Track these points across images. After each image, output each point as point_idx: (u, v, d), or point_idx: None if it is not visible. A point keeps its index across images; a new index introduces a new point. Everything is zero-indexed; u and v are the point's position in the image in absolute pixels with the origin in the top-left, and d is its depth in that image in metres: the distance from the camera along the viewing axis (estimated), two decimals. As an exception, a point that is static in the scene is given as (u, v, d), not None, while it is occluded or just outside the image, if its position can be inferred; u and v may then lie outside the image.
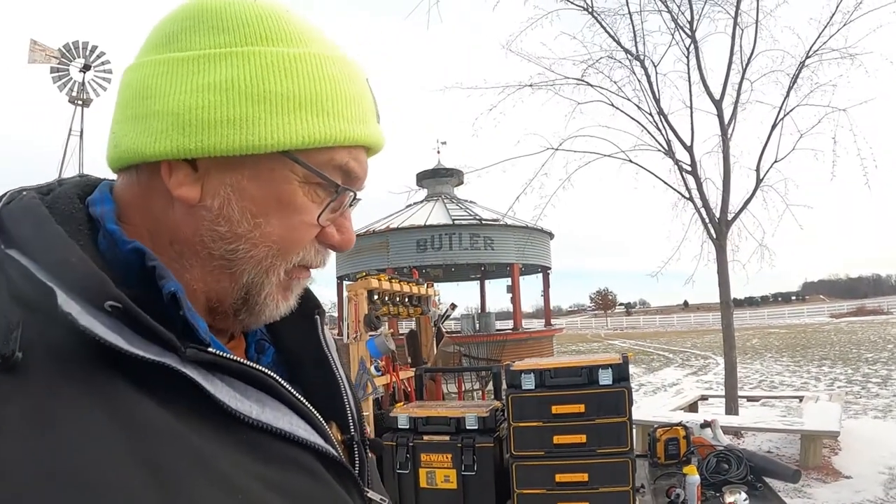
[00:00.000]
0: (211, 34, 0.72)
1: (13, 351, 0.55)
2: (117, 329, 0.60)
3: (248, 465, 0.65)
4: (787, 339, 32.31)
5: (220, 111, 0.69)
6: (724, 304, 9.81)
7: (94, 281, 0.61)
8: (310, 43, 0.75)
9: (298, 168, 0.74)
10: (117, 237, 0.71)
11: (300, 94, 0.72)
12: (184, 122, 0.69)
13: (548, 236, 23.06)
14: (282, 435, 0.70)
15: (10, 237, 0.65)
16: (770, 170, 9.86)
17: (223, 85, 0.70)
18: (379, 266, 19.51)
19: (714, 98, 9.95)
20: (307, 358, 0.91)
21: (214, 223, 0.73)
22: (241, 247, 0.74)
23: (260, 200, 0.74)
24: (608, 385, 4.54)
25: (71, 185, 0.77)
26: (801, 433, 7.65)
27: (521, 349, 18.34)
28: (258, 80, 0.70)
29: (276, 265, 0.77)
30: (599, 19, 10.22)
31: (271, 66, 0.71)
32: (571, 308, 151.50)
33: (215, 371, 0.67)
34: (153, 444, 0.58)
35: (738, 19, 9.70)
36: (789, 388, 14.24)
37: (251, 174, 0.73)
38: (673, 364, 22.24)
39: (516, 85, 10.64)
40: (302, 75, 0.73)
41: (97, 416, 0.57)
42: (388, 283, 6.03)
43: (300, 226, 0.77)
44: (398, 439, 5.00)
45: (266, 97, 0.70)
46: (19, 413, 0.54)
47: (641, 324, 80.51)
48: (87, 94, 37.13)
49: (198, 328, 0.68)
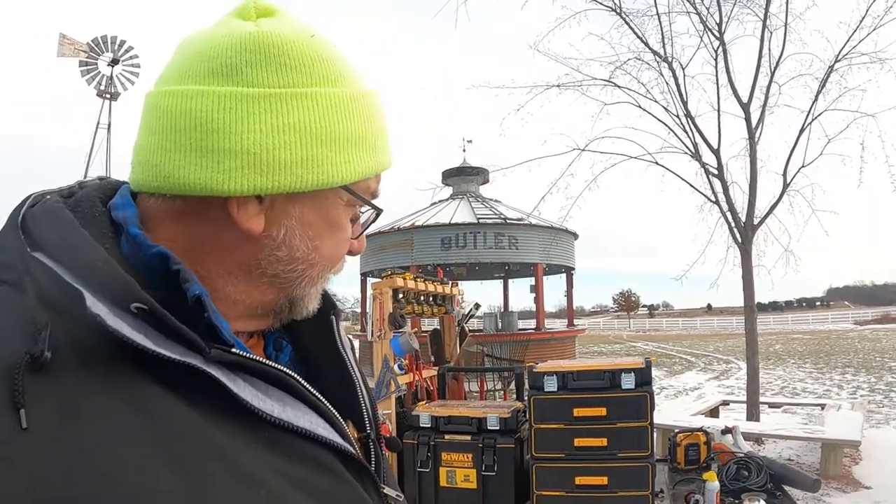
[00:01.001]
0: (279, 72, 0.72)
1: (42, 351, 0.57)
2: (143, 330, 0.62)
3: (270, 462, 0.67)
4: (811, 346, 31.88)
5: (294, 152, 0.72)
6: (748, 309, 9.72)
7: (121, 283, 0.62)
8: (354, 81, 0.80)
9: (345, 194, 0.80)
10: (141, 241, 0.72)
11: (355, 133, 0.77)
12: (261, 162, 0.70)
13: (572, 236, 22.99)
14: (302, 433, 0.72)
15: (36, 240, 0.67)
16: (797, 174, 9.73)
17: (296, 126, 0.72)
18: (403, 263, 19.55)
19: (742, 101, 9.84)
20: (323, 356, 0.95)
21: (276, 249, 0.77)
22: (298, 267, 0.79)
23: (316, 225, 0.79)
24: (630, 389, 4.56)
25: (92, 188, 0.79)
26: (822, 441, 7.57)
27: (544, 349, 18.31)
28: (326, 122, 0.74)
29: (322, 278, 0.85)
30: (627, 20, 10.15)
31: (334, 107, 0.75)
32: (594, 309, 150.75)
33: (238, 371, 0.69)
34: (179, 442, 0.60)
35: (767, 22, 9.58)
36: (811, 395, 14.08)
37: (311, 204, 0.78)
38: (695, 368, 22.06)
39: (544, 85, 10.62)
40: (355, 116, 0.77)
41: (125, 414, 0.58)
42: (413, 283, 6.07)
43: (343, 242, 0.85)
44: (419, 438, 5.05)
45: (332, 138, 0.75)
46: (49, 411, 0.55)
47: (664, 326, 79.83)
48: (114, 88, 37.60)
49: (222, 329, 0.70)
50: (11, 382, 0.54)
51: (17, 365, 0.55)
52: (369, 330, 5.77)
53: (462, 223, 20.44)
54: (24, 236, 0.67)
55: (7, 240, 0.69)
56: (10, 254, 0.67)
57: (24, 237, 0.67)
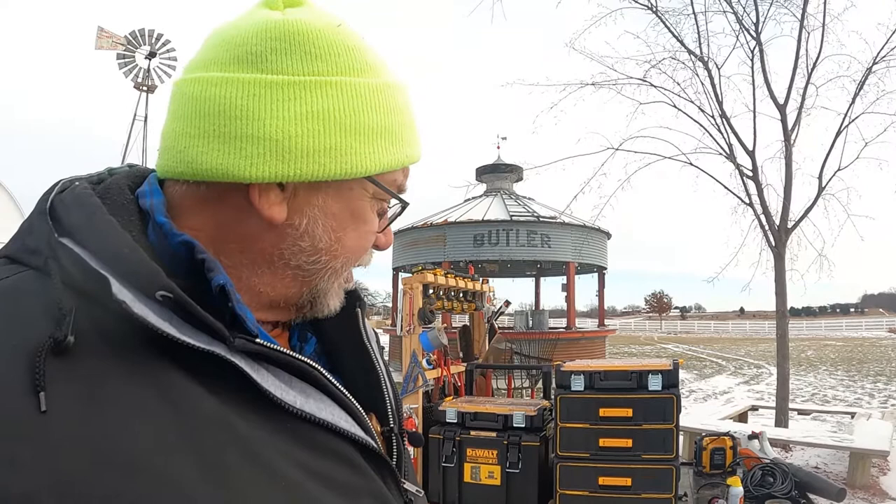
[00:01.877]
0: (304, 60, 0.72)
1: (66, 335, 0.57)
2: (168, 318, 0.62)
3: (290, 454, 0.67)
4: (843, 353, 31.42)
5: (318, 140, 0.71)
6: (780, 314, 9.62)
7: (147, 271, 0.63)
8: (380, 72, 0.79)
9: (371, 186, 0.80)
10: (167, 230, 0.72)
11: (381, 124, 0.77)
12: (283, 149, 0.70)
13: (605, 236, 22.89)
14: (324, 425, 0.72)
15: (63, 226, 0.67)
16: (833, 178, 9.63)
17: (320, 114, 0.71)
18: (435, 259, 19.57)
19: (778, 102, 9.74)
20: (348, 349, 0.94)
21: (298, 239, 0.77)
22: (322, 258, 0.79)
23: (340, 217, 0.78)
24: (657, 391, 4.53)
25: (121, 175, 0.79)
26: (851, 450, 7.47)
27: (573, 349, 18.26)
28: (350, 112, 0.73)
29: (346, 270, 0.84)
30: (663, 19, 10.08)
31: (360, 97, 0.75)
32: (626, 309, 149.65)
33: (261, 361, 0.69)
34: (201, 430, 0.60)
35: (804, 22, 9.48)
36: (842, 402, 13.88)
37: (335, 194, 0.77)
38: (725, 371, 21.84)
39: (578, 83, 10.59)
40: (382, 107, 0.77)
41: (147, 400, 0.59)
42: (444, 279, 6.08)
43: (368, 235, 0.83)
44: (445, 433, 5.06)
45: (357, 128, 0.74)
46: (71, 395, 0.56)
47: (696, 328, 79.10)
48: (151, 81, 38.20)
49: (246, 319, 0.69)
50: (33, 366, 0.56)
51: (41, 348, 0.56)
52: (399, 324, 5.79)
53: (495, 220, 20.44)
54: (52, 222, 0.68)
55: (35, 225, 0.70)
56: (38, 239, 0.68)
57: (52, 223, 0.68)
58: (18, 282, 0.65)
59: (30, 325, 0.59)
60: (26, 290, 0.63)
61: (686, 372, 20.86)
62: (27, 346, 0.57)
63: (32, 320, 0.60)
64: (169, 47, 38.31)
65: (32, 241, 0.68)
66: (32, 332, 0.58)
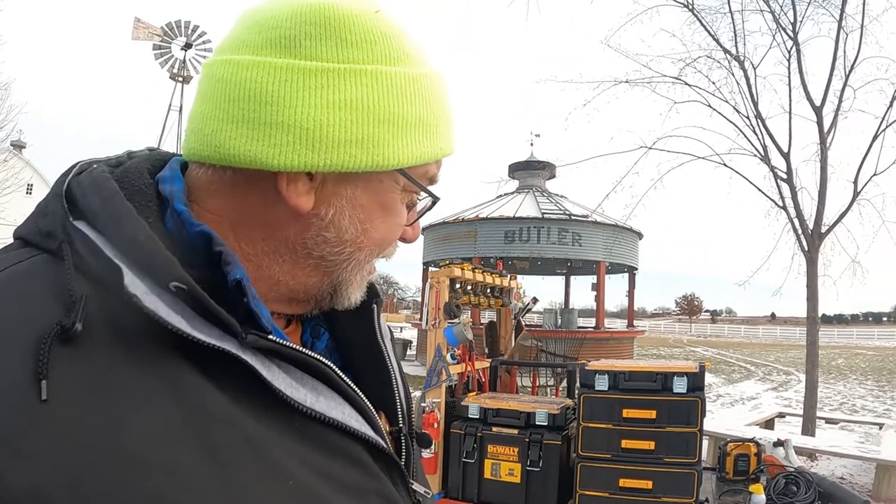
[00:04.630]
0: (339, 47, 0.70)
1: (73, 322, 0.56)
2: (180, 310, 0.61)
3: (299, 453, 0.66)
4: (874, 362, 30.96)
5: (349, 130, 0.70)
6: (811, 320, 9.48)
7: (161, 260, 0.62)
8: (418, 61, 0.77)
9: (402, 179, 0.78)
10: (185, 218, 0.71)
11: (415, 116, 0.75)
12: (313, 139, 0.68)
13: (637, 236, 22.74)
14: (334, 424, 0.71)
15: (79, 209, 0.66)
16: (868, 182, 9.47)
17: (353, 104, 0.70)
18: (465, 255, 19.58)
19: (814, 104, 9.58)
20: (361, 346, 0.92)
21: (323, 230, 0.75)
22: (346, 250, 0.77)
23: (368, 208, 0.77)
24: (682, 393, 4.50)
25: (141, 158, 0.78)
26: (877, 462, 7.36)
27: (601, 349, 18.17)
28: (384, 102, 0.71)
29: (369, 262, 0.82)
30: (699, 17, 9.98)
31: (395, 87, 0.73)
32: (656, 311, 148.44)
33: (273, 358, 0.68)
34: (209, 426, 0.60)
35: (842, 23, 9.33)
36: (871, 413, 13.66)
37: (364, 186, 0.76)
38: (754, 377, 21.62)
39: (612, 81, 10.52)
40: (417, 98, 0.75)
41: (154, 392, 0.58)
42: (471, 273, 6.07)
43: (396, 228, 0.82)
44: (467, 428, 5.07)
45: (390, 119, 0.72)
46: (76, 384, 0.55)
47: (726, 332, 78.30)
48: (187, 72, 38.84)
49: (260, 315, 0.68)
50: (37, 353, 0.55)
51: (46, 335, 0.55)
52: (424, 318, 5.81)
53: (526, 217, 20.38)
54: (68, 205, 0.67)
55: (50, 207, 0.69)
56: (52, 222, 0.67)
57: (68, 205, 0.67)
58: (31, 266, 0.64)
59: (38, 310, 0.58)
60: (38, 274, 0.63)
61: (714, 376, 20.71)
62: (33, 333, 0.56)
63: (41, 306, 0.59)
64: (205, 38, 38.82)
65: (47, 224, 0.68)
66: (40, 318, 0.57)
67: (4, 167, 22.25)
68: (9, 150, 25.85)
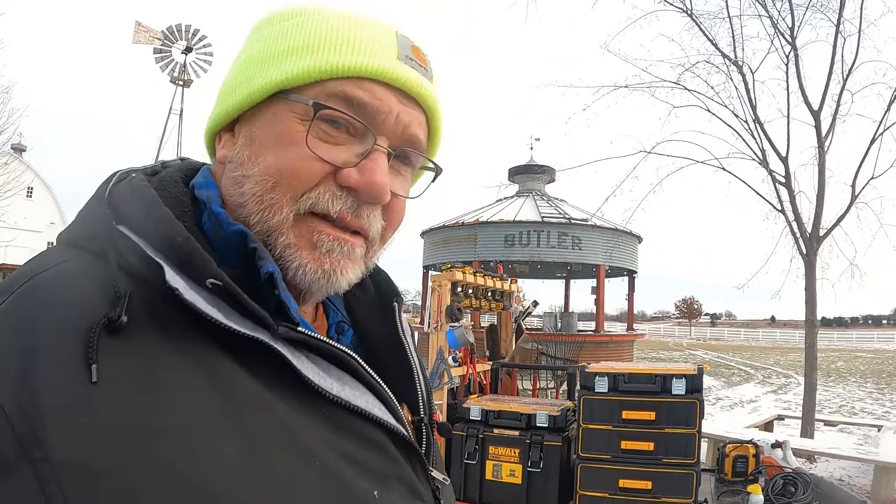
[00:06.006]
0: (261, 29, 0.86)
1: (119, 315, 0.60)
2: (216, 304, 0.66)
3: (326, 437, 0.70)
4: (874, 365, 30.91)
5: (238, 79, 0.82)
6: (809, 323, 9.52)
7: (198, 260, 0.67)
8: (321, 13, 0.81)
9: (298, 105, 0.77)
10: (223, 219, 0.76)
11: (293, 46, 0.79)
12: (220, 96, 0.84)
13: (636, 239, 22.73)
14: (358, 412, 0.75)
15: (121, 214, 0.71)
16: (866, 186, 9.52)
17: (246, 60, 0.83)
18: (465, 258, 19.56)
19: (812, 108, 9.64)
20: (384, 342, 0.96)
21: (232, 171, 0.81)
22: (245, 187, 0.77)
23: (263, 141, 0.78)
24: (681, 395, 4.54)
25: (175, 168, 0.85)
26: (876, 464, 7.39)
27: (601, 352, 18.16)
28: (266, 47, 0.81)
29: (277, 202, 0.76)
30: (698, 22, 10.02)
31: (278, 34, 0.82)
32: (656, 314, 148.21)
33: (302, 349, 0.72)
34: (244, 410, 0.63)
35: (840, 27, 9.39)
36: (870, 415, 13.65)
37: (260, 122, 0.80)
38: (753, 380, 21.61)
39: (612, 85, 10.56)
40: (298, 32, 0.80)
41: (194, 378, 0.62)
42: (472, 277, 6.12)
43: (296, 158, 0.76)
44: (469, 430, 5.11)
45: (267, 57, 0.80)
46: (122, 372, 0.59)
47: (725, 336, 78.08)
48: (187, 76, 38.78)
49: (290, 307, 0.72)
50: (87, 341, 0.59)
51: (95, 325, 0.59)
52: (426, 321, 5.85)
53: (526, 221, 20.37)
54: (110, 209, 0.72)
55: (94, 212, 0.74)
56: (97, 225, 0.72)
57: (110, 210, 0.72)
58: (77, 264, 0.68)
59: (86, 304, 0.62)
60: (85, 272, 0.67)
61: (714, 379, 20.71)
62: (83, 324, 0.60)
63: (89, 300, 0.63)
64: (205, 42, 38.82)
65: (91, 228, 0.73)
66: (89, 311, 0.61)
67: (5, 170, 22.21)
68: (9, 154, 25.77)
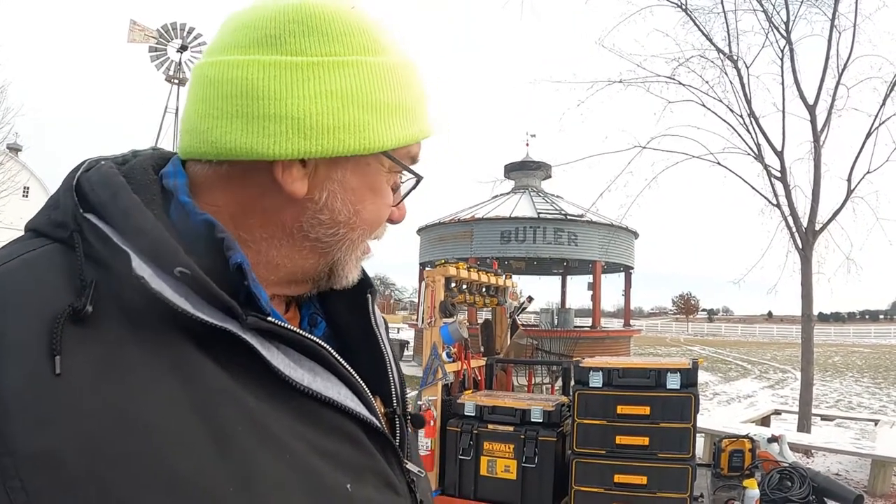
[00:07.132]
0: (322, 42, 0.75)
1: (84, 304, 0.61)
2: (184, 294, 0.65)
3: (297, 429, 0.69)
4: (871, 360, 31.03)
5: (337, 117, 0.74)
6: (805, 317, 9.51)
7: (166, 248, 0.66)
8: (394, 52, 0.81)
9: (387, 161, 0.82)
10: (189, 209, 0.75)
11: (395, 101, 0.79)
12: (305, 127, 0.73)
13: (632, 235, 22.79)
14: (330, 403, 0.74)
15: (89, 202, 0.70)
16: (862, 180, 9.53)
17: (338, 93, 0.74)
18: (462, 255, 19.60)
19: (808, 103, 9.65)
20: (357, 333, 0.95)
21: (318, 213, 0.79)
22: (340, 231, 0.81)
23: (358, 190, 0.81)
24: (675, 389, 4.53)
25: (146, 156, 0.82)
26: (872, 458, 7.38)
27: (598, 348, 18.20)
28: (366, 90, 0.76)
29: (363, 242, 0.86)
30: (693, 17, 10.03)
31: (375, 75, 0.77)
32: (653, 310, 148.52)
33: (272, 339, 0.71)
34: (212, 401, 0.63)
35: (835, 22, 9.39)
36: (866, 410, 13.67)
37: (353, 169, 0.80)
38: (750, 375, 21.62)
39: (606, 81, 10.55)
40: (395, 84, 0.79)
41: (161, 369, 0.62)
42: (466, 272, 6.09)
43: (384, 208, 0.86)
44: (463, 426, 5.09)
45: (373, 105, 0.77)
46: (86, 361, 0.59)
47: (723, 331, 78.31)
48: (182, 74, 38.77)
49: (260, 298, 0.72)
50: (51, 331, 0.59)
51: (59, 315, 0.60)
52: (420, 317, 5.83)
53: (522, 217, 20.43)
54: (78, 198, 0.71)
55: (61, 200, 0.73)
56: (64, 213, 0.71)
57: (78, 199, 0.71)
58: (44, 254, 0.68)
59: (51, 294, 0.62)
60: (51, 261, 0.67)
61: (711, 374, 20.74)
62: (47, 314, 0.60)
63: (54, 290, 0.63)
64: (201, 41, 38.69)
65: (58, 216, 0.72)
66: (54, 300, 0.61)
67: (1, 170, 22.27)
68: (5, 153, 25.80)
